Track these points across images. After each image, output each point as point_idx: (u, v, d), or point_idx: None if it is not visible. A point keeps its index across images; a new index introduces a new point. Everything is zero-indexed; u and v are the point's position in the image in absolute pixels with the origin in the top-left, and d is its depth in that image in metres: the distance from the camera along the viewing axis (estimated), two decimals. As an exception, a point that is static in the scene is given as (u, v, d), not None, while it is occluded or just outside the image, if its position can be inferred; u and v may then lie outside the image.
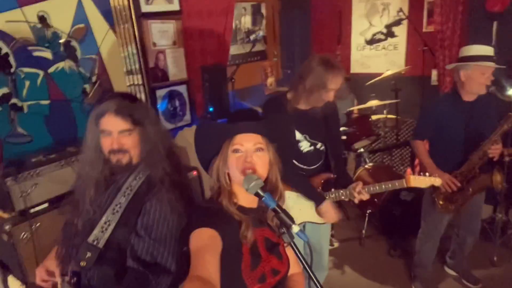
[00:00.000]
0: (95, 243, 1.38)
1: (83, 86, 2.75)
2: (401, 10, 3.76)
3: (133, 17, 3.05)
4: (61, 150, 2.41)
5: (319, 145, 2.20)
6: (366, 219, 3.53)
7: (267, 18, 4.49)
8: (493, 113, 2.58)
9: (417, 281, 2.93)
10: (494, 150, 2.39)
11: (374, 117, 3.82)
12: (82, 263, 1.37)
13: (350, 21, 4.61)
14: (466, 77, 2.41)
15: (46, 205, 2.26)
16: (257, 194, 1.09)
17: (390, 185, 2.09)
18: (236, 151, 1.22)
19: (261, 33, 3.42)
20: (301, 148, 2.17)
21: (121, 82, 3.01)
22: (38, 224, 2.18)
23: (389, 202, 3.38)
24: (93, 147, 1.45)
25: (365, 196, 2.03)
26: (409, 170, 4.00)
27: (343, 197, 2.12)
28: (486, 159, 2.43)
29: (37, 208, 2.22)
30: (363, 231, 3.52)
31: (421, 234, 2.83)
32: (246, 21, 4.20)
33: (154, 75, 3.34)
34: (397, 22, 3.89)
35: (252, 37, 3.54)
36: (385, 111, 3.86)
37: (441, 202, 2.52)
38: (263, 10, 4.43)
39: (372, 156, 4.24)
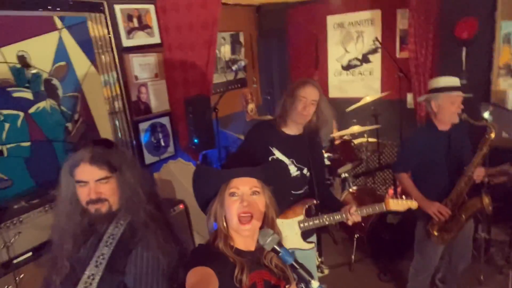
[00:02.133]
0: None
1: (65, 125, 2.67)
2: (376, 39, 3.90)
3: (115, 51, 3.01)
4: (44, 194, 2.31)
5: (305, 170, 2.26)
6: (355, 243, 3.55)
7: (245, 46, 4.55)
8: (467, 138, 2.68)
9: (409, 306, 2.93)
10: (478, 173, 2.48)
11: (356, 142, 3.90)
12: None
13: (326, 48, 4.74)
14: (437, 107, 2.52)
15: (30, 254, 2.14)
16: (274, 250, 1.08)
17: (371, 209, 2.13)
18: (232, 194, 1.26)
19: (242, 63, 3.46)
20: (290, 172, 2.22)
21: (104, 118, 2.94)
22: (22, 276, 2.05)
23: (377, 225, 3.42)
24: (68, 199, 1.40)
25: (358, 218, 2.07)
26: (390, 191, 4.10)
27: (338, 218, 2.12)
28: (472, 184, 2.51)
29: (20, 258, 2.10)
30: (352, 256, 3.54)
31: (416, 266, 2.81)
32: (225, 50, 4.24)
33: (137, 109, 3.29)
34: (374, 51, 4.04)
35: (234, 67, 3.57)
36: (365, 135, 3.95)
37: (435, 233, 2.55)
38: (242, 39, 4.49)
39: (356, 180, 4.31)
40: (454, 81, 2.54)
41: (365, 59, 4.50)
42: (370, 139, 3.97)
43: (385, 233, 3.48)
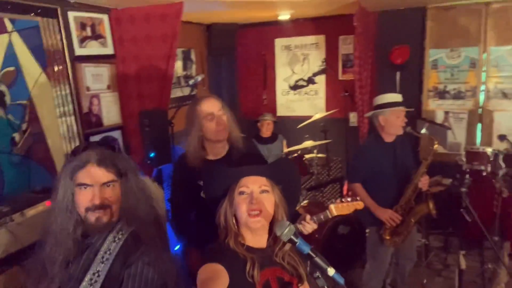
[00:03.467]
0: None
1: (11, 135, 2.43)
2: (325, 60, 4.18)
3: (67, 59, 2.85)
4: (-11, 210, 2.06)
5: None
6: (309, 255, 3.63)
7: (196, 63, 4.57)
8: (410, 149, 2.97)
9: (364, 314, 3.07)
10: (424, 181, 2.74)
11: (306, 156, 4.07)
12: None
13: (274, 68, 4.95)
14: (384, 121, 2.76)
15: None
16: (290, 241, 1.10)
17: (316, 218, 2.03)
18: (242, 193, 1.28)
19: (199, 77, 3.46)
20: None
21: (54, 130, 2.74)
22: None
23: (329, 237, 3.55)
24: (65, 206, 1.27)
25: (315, 226, 1.95)
26: (338, 200, 4.30)
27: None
28: (418, 191, 2.76)
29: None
30: (308, 268, 3.61)
31: (369, 270, 2.98)
32: (177, 66, 4.22)
33: (88, 121, 3.11)
34: (322, 71, 4.32)
35: (191, 81, 3.57)
36: (315, 151, 4.15)
37: (387, 237, 2.74)
38: (193, 56, 4.51)
39: (307, 193, 4.46)
40: (397, 97, 2.82)
41: (310, 80, 4.78)
42: (319, 155, 4.17)
43: (338, 243, 3.62)
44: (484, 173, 3.19)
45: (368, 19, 3.96)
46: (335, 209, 2.07)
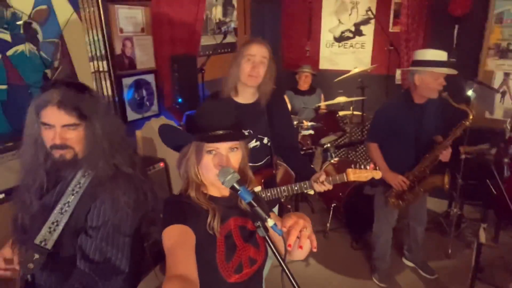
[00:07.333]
0: (42, 244, 1.30)
1: (44, 71, 2.60)
2: (369, 9, 3.84)
3: (99, 0, 2.92)
4: (20, 138, 2.27)
5: (265, 140, 2.10)
6: (331, 212, 3.62)
7: (238, 9, 4.44)
8: (440, 115, 2.67)
9: (376, 273, 3.04)
10: (446, 154, 2.52)
11: (341, 113, 3.90)
12: (30, 265, 1.29)
13: (320, 18, 4.67)
14: (420, 81, 2.46)
15: (2, 195, 2.13)
16: (233, 188, 1.08)
17: (332, 179, 2.01)
18: (210, 152, 1.18)
19: (232, 24, 3.38)
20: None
21: (85, 68, 2.88)
22: (-7, 216, 2.05)
23: (353, 196, 3.48)
24: (33, 139, 1.34)
25: (329, 186, 1.97)
26: (371, 165, 4.16)
27: (296, 189, 2.04)
28: (436, 162, 2.55)
29: (-7, 199, 2.10)
30: (328, 224, 3.61)
31: (375, 229, 2.96)
32: (217, 11, 4.14)
33: (121, 63, 3.22)
34: (366, 21, 3.98)
35: (223, 28, 3.49)
36: (351, 108, 3.95)
37: (392, 200, 2.67)
38: (234, 1, 4.38)
39: (338, 151, 4.34)
40: (441, 55, 2.46)
41: (358, 32, 4.45)
42: (355, 112, 3.97)
43: (361, 204, 3.54)
44: (532, 144, 2.85)
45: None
46: (352, 174, 2.01)
